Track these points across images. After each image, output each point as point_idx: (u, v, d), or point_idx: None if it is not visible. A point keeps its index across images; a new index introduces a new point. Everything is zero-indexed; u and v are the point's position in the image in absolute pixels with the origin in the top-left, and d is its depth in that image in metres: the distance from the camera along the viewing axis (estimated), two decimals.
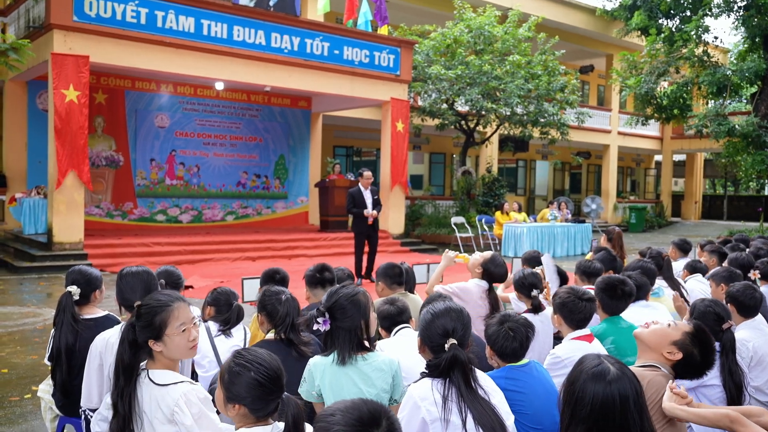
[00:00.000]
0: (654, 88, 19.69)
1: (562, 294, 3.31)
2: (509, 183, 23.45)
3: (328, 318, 2.71)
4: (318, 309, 2.75)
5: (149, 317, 2.38)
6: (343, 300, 2.74)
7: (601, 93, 30.11)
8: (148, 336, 2.36)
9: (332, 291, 2.83)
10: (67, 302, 3.34)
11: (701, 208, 32.02)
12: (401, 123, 16.12)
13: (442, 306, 2.46)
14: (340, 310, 2.71)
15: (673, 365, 2.69)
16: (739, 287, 3.83)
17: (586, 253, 16.55)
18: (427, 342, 2.42)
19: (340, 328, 2.71)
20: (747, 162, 18.55)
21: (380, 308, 3.39)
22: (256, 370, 2.07)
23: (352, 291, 2.79)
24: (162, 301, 2.43)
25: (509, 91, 16.76)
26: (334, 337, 2.72)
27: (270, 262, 13.02)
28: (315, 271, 4.03)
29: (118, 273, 3.20)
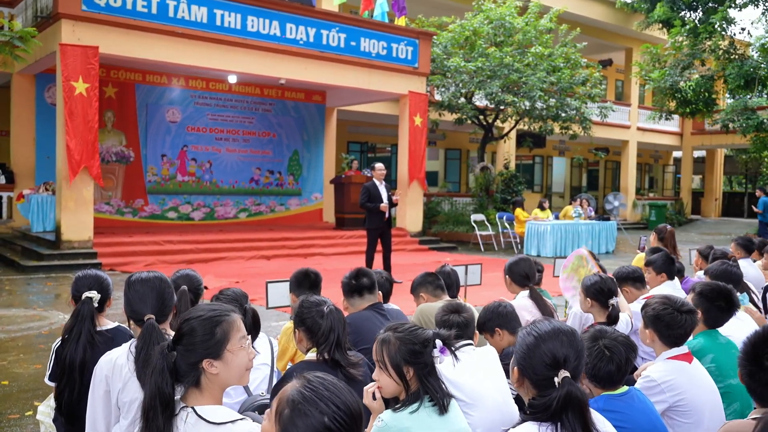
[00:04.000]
0: (678, 81, 19.05)
1: (657, 305, 2.79)
2: (526, 179, 22.87)
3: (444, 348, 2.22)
4: (436, 333, 2.27)
5: (207, 329, 1.90)
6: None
7: (618, 88, 29.44)
8: (202, 355, 1.89)
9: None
10: (87, 310, 2.87)
11: (721, 206, 31.29)
12: (419, 117, 15.59)
13: (548, 326, 1.93)
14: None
15: None
16: None
17: (611, 251, 16.01)
18: (529, 373, 1.89)
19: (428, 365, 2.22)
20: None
21: (442, 318, 2.90)
22: (331, 414, 1.47)
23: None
24: (218, 310, 1.97)
25: (531, 84, 16.18)
26: (428, 378, 2.21)
27: (285, 261, 12.57)
28: (351, 278, 3.51)
29: (126, 280, 2.67)
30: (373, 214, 9.72)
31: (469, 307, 3.01)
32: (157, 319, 2.48)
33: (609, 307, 3.66)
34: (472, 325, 2.93)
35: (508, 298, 4.27)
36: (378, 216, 9.70)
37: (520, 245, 15.78)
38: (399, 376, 2.21)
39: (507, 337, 3.25)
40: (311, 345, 2.63)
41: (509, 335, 3.26)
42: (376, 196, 9.74)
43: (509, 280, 4.36)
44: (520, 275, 4.30)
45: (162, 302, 2.51)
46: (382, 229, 9.82)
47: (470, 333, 2.91)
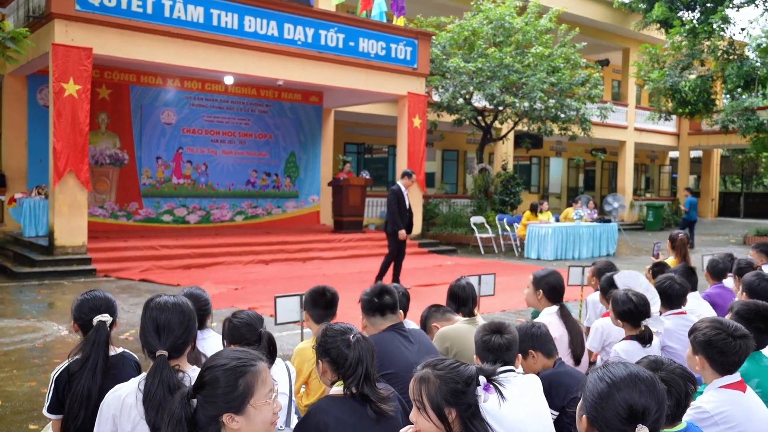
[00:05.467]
0: (678, 82, 18.91)
1: (707, 329, 2.57)
2: (523, 180, 22.70)
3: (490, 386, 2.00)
4: (480, 368, 2.04)
5: (230, 381, 1.74)
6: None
7: (615, 88, 29.34)
8: (223, 409, 1.72)
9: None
10: (103, 336, 2.64)
11: (717, 206, 31.24)
12: (418, 118, 15.39)
13: (623, 371, 1.69)
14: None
15: None
16: None
17: (612, 254, 15.85)
18: (600, 425, 1.65)
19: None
20: None
21: (483, 339, 2.68)
22: None
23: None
24: (244, 359, 1.79)
25: (531, 85, 16.00)
26: (472, 421, 1.99)
27: (283, 265, 12.35)
28: (373, 295, 3.27)
29: (145, 303, 2.42)
30: (396, 219, 9.73)
31: (511, 327, 2.80)
32: (173, 353, 2.24)
33: (641, 327, 3.47)
34: (515, 348, 2.71)
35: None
36: (401, 222, 9.78)
37: (520, 248, 15.60)
38: (440, 419, 1.98)
39: (541, 359, 3.05)
40: (336, 378, 2.40)
41: (544, 358, 3.05)
42: (403, 203, 9.80)
43: (541, 294, 4.13)
44: (553, 289, 4.09)
45: (179, 336, 2.26)
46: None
47: (512, 356, 2.69)
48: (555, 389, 2.83)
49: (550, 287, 4.09)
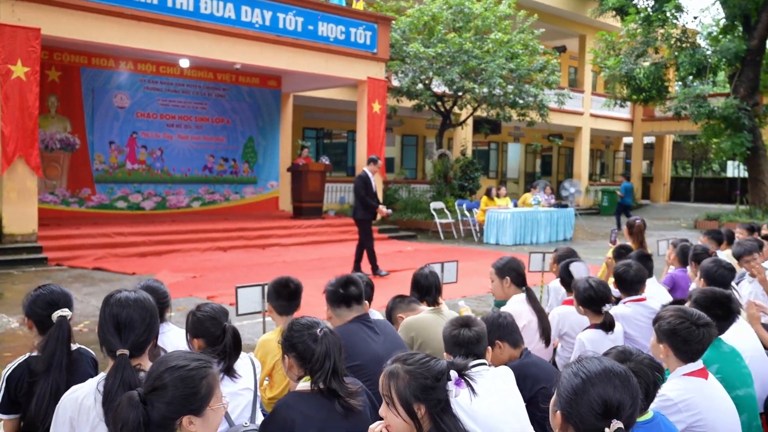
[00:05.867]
0: (633, 69, 19.23)
1: (672, 318, 2.60)
2: (482, 166, 22.86)
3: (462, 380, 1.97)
4: (451, 363, 2.01)
5: (193, 383, 1.70)
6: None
7: (572, 74, 29.70)
8: (183, 412, 1.69)
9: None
10: (66, 332, 2.53)
11: (669, 191, 32.01)
12: (378, 104, 15.32)
13: (597, 366, 1.69)
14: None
15: None
16: None
17: (569, 238, 16.11)
18: (575, 421, 1.64)
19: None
20: (726, 144, 18.26)
21: (451, 333, 2.66)
22: None
23: None
24: (203, 361, 1.77)
25: (490, 71, 16.06)
26: (441, 416, 1.95)
27: (242, 252, 12.19)
28: (338, 286, 3.22)
29: (104, 299, 2.31)
30: (368, 207, 9.79)
31: (479, 320, 2.79)
32: (134, 352, 2.16)
33: (602, 314, 3.50)
34: (485, 341, 2.70)
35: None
36: (371, 209, 9.84)
37: (479, 233, 15.72)
38: (409, 415, 1.95)
39: (508, 350, 3.05)
40: (303, 373, 2.35)
41: (510, 348, 3.05)
42: (371, 189, 9.90)
43: (509, 282, 4.14)
44: (519, 275, 4.10)
45: (141, 334, 2.18)
46: (372, 221, 9.98)
47: (483, 349, 2.68)
48: (522, 380, 2.83)
49: (516, 273, 4.12)
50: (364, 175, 9.84)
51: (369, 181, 9.82)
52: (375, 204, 9.83)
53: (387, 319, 3.82)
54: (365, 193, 9.74)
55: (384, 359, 2.99)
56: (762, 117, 19.75)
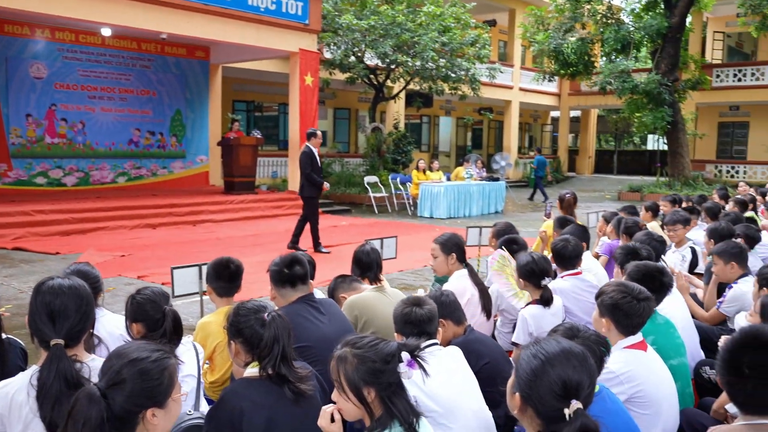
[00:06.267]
0: (562, 44, 19.61)
1: (614, 293, 2.66)
2: (414, 139, 22.94)
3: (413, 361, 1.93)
4: (402, 344, 1.97)
5: (157, 374, 1.67)
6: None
7: (501, 48, 30.02)
8: (147, 404, 1.65)
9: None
10: None
11: (594, 163, 33.03)
12: (310, 76, 15.07)
13: (556, 347, 1.69)
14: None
15: None
16: None
17: (500, 211, 16.40)
18: (535, 403, 1.65)
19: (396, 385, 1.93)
20: (648, 118, 18.93)
21: (403, 312, 2.63)
22: None
23: None
24: (163, 351, 1.74)
25: (423, 44, 16.03)
26: (391, 399, 1.92)
27: (172, 229, 11.86)
28: (283, 266, 3.13)
29: (35, 287, 2.16)
30: (313, 183, 9.60)
31: (429, 299, 2.77)
32: (69, 342, 2.03)
33: (541, 287, 3.57)
34: (436, 319, 2.69)
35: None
36: (318, 186, 9.67)
37: (413, 207, 15.81)
38: (359, 399, 1.92)
39: (452, 327, 3.06)
40: (250, 359, 2.28)
41: (454, 326, 3.06)
42: (317, 164, 9.70)
43: (454, 258, 4.15)
44: (462, 250, 4.12)
45: (76, 323, 2.06)
46: (319, 197, 9.87)
47: (434, 328, 2.67)
48: (467, 356, 2.84)
49: (459, 249, 4.15)
50: (309, 151, 9.58)
51: (314, 156, 9.60)
52: (321, 181, 9.63)
53: (331, 297, 3.77)
54: (311, 169, 9.51)
55: (330, 339, 2.96)
56: (681, 92, 20.55)
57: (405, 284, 7.54)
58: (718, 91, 24.12)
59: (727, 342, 2.01)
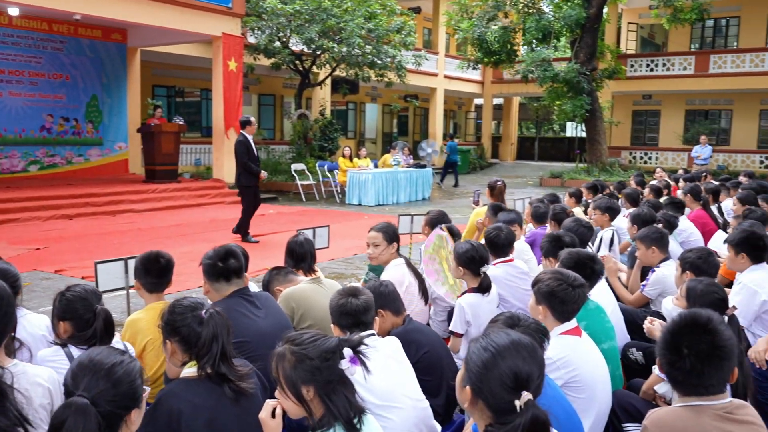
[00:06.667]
0: (485, 32, 19.91)
1: (550, 281, 2.71)
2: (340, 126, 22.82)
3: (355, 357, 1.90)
4: (343, 340, 1.93)
5: (138, 375, 1.70)
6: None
7: (426, 36, 30.20)
8: (130, 406, 1.69)
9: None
10: None
11: (516, 150, 33.83)
12: (234, 61, 14.72)
13: (505, 339, 1.69)
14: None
15: None
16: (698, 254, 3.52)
17: (427, 198, 16.57)
18: (485, 396, 1.64)
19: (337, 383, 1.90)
20: (568, 106, 19.51)
21: (339, 303, 2.59)
22: None
23: None
24: (127, 353, 1.78)
25: (349, 30, 15.91)
26: (330, 397, 1.89)
27: (90, 220, 11.38)
28: (217, 259, 3.02)
29: None
30: (249, 172, 9.38)
31: (365, 289, 2.75)
32: None
33: (480, 275, 3.60)
34: (373, 309, 2.66)
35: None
36: (255, 174, 9.46)
37: (341, 194, 15.75)
38: (297, 398, 1.88)
39: (390, 318, 3.04)
40: (188, 358, 2.19)
41: (393, 316, 3.05)
42: (253, 153, 9.46)
43: (395, 247, 4.14)
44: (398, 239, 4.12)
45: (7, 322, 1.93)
46: (256, 186, 9.63)
47: (370, 318, 2.65)
48: (407, 347, 2.84)
49: (398, 237, 4.16)
50: (244, 139, 9.37)
51: (250, 144, 9.40)
52: (257, 169, 9.42)
53: (265, 289, 3.69)
54: (248, 158, 9.33)
55: (267, 334, 2.90)
56: (598, 81, 21.27)
57: (336, 273, 7.51)
58: (632, 81, 25.11)
59: (668, 325, 2.10)
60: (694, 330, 2.01)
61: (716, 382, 1.97)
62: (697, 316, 2.04)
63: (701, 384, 1.97)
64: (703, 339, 1.98)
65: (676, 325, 2.05)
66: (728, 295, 3.22)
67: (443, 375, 3.00)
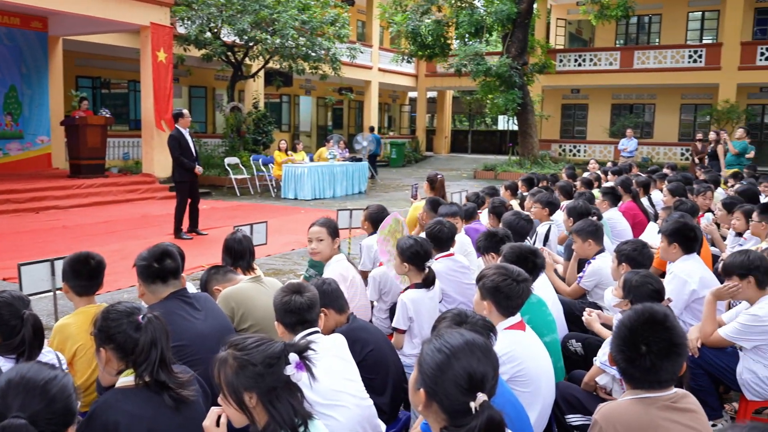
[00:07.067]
0: (419, 26, 19.99)
1: (495, 276, 2.71)
2: (274, 119, 22.48)
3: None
4: (289, 344, 1.85)
5: (70, 389, 1.63)
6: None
7: (360, 29, 30.11)
8: (71, 420, 1.65)
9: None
10: None
11: (450, 143, 34.22)
12: (163, 52, 14.26)
13: (459, 339, 1.65)
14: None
15: None
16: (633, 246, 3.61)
17: (363, 191, 16.53)
18: (440, 398, 1.60)
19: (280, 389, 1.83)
20: (500, 100, 19.83)
21: (282, 300, 2.52)
22: None
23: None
24: (52, 365, 1.72)
25: (283, 22, 15.67)
26: (274, 405, 1.81)
27: (12, 217, 10.84)
28: (152, 260, 2.88)
29: None
30: (184, 167, 9.11)
31: (310, 286, 2.68)
32: None
33: (425, 270, 3.59)
34: (317, 307, 2.60)
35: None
36: (188, 169, 9.17)
37: (276, 188, 15.54)
38: (239, 405, 1.81)
39: (334, 316, 2.99)
40: (124, 366, 2.08)
41: (336, 315, 3.00)
42: (186, 147, 9.16)
43: (338, 242, 4.08)
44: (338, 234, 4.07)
45: None
46: (191, 181, 9.30)
47: (315, 315, 2.59)
48: (352, 345, 2.80)
49: (338, 233, 4.10)
50: (177, 134, 9.14)
51: (183, 138, 9.14)
52: (192, 164, 9.16)
53: (203, 290, 3.57)
54: (180, 152, 9.08)
55: (208, 337, 2.80)
56: (529, 75, 21.70)
57: (274, 269, 7.38)
58: (561, 75, 25.74)
59: (624, 322, 2.11)
60: (652, 327, 2.04)
61: (670, 377, 2.02)
62: (654, 313, 2.07)
63: (657, 379, 2.00)
64: (662, 336, 2.02)
65: (633, 321, 2.07)
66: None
67: (389, 373, 2.97)
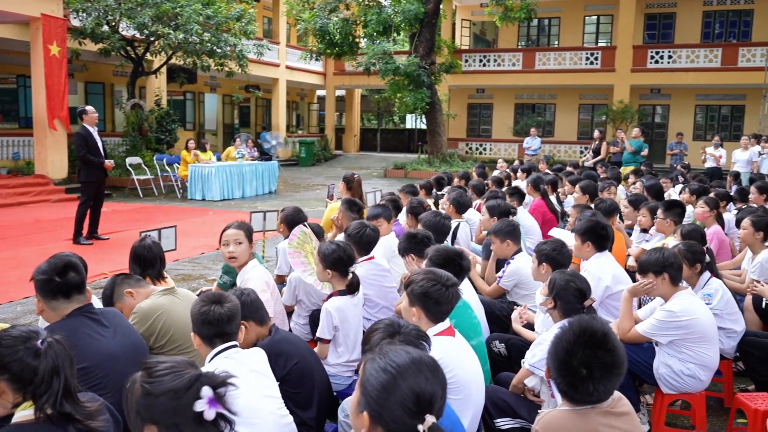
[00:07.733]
0: (327, 24, 19.83)
1: (424, 281, 2.63)
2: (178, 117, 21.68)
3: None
4: (204, 375, 1.60)
5: None
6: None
7: (266, 25, 29.57)
8: None
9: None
10: None
11: (359, 141, 34.23)
12: (56, 46, 13.46)
13: (405, 357, 1.53)
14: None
15: None
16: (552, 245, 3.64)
17: (273, 191, 16.22)
18: (386, 422, 1.48)
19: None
20: (409, 99, 19.98)
21: (200, 311, 2.34)
22: None
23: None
24: None
25: (186, 16, 15.10)
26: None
27: None
28: (53, 273, 2.60)
29: None
30: (91, 166, 8.70)
31: (231, 296, 2.50)
32: None
33: (348, 276, 3.48)
34: (238, 318, 2.44)
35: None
36: (98, 169, 8.80)
37: (182, 189, 14.97)
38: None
39: (255, 329, 2.83)
40: (21, 398, 1.84)
41: (257, 326, 2.84)
42: (94, 145, 8.73)
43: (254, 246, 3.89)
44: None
45: None
46: (99, 182, 8.94)
47: (235, 327, 2.42)
48: (275, 359, 2.67)
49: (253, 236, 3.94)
50: (83, 132, 8.71)
51: (89, 136, 8.71)
52: (99, 161, 8.78)
53: (106, 303, 3.29)
54: (86, 151, 8.66)
55: (117, 356, 2.57)
56: (437, 75, 21.99)
57: (183, 275, 7.06)
58: (466, 75, 26.24)
59: (562, 341, 2.01)
60: (592, 350, 1.94)
61: (608, 393, 1.97)
62: (593, 333, 1.97)
63: (597, 399, 1.96)
64: (604, 360, 1.93)
65: (572, 343, 1.97)
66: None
67: (314, 386, 2.85)
